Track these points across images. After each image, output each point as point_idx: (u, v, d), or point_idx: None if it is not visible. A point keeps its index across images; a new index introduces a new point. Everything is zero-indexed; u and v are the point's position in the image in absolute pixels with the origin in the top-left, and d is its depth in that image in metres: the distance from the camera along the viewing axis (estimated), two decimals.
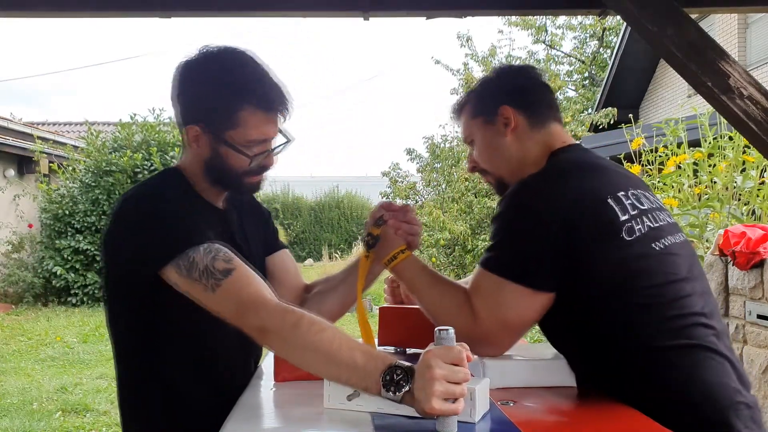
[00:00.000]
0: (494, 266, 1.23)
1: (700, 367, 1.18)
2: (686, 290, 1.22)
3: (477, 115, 1.43)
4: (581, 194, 1.21)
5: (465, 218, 10.04)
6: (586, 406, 1.19)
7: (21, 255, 9.70)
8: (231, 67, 1.30)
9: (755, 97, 2.02)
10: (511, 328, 1.24)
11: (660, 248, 1.23)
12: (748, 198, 3.37)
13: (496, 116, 1.39)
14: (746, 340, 2.58)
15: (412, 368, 1.00)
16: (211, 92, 1.29)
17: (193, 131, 1.31)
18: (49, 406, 4.60)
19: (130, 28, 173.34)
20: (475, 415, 1.05)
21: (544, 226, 1.19)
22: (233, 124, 1.28)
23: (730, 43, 9.95)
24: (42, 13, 2.42)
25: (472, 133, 1.45)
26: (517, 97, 1.39)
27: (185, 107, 1.33)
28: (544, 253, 1.19)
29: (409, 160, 11.96)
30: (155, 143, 9.67)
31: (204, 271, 1.16)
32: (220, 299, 1.16)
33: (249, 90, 1.28)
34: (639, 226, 1.22)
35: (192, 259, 1.17)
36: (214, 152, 1.31)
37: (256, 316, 1.12)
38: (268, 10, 2.48)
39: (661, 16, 2.01)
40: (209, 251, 1.18)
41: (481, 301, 1.23)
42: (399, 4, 2.41)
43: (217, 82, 1.29)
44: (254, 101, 1.28)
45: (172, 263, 1.18)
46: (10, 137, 10.21)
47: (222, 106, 1.28)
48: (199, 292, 1.18)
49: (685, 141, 3.83)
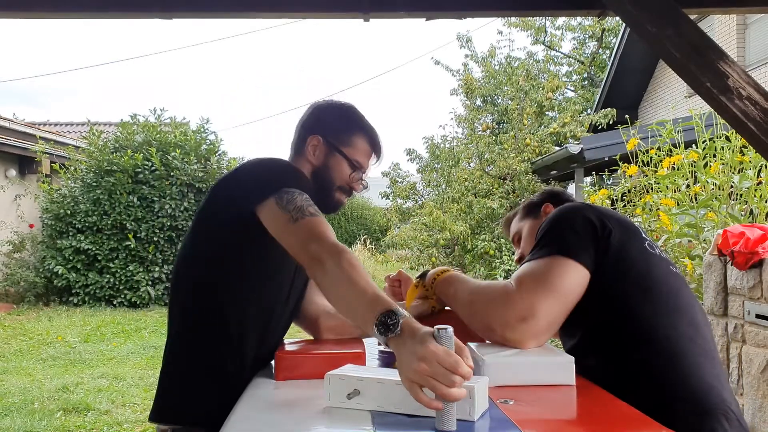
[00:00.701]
0: (536, 256, 1.36)
1: (702, 376, 1.26)
2: (696, 309, 1.36)
3: (525, 217, 1.82)
4: (612, 213, 1.42)
5: (465, 218, 10.05)
6: (586, 404, 1.20)
7: (22, 255, 9.71)
8: (355, 109, 1.67)
9: (754, 98, 2.02)
10: (550, 291, 1.28)
11: (676, 272, 1.40)
12: (746, 198, 3.38)
13: (540, 212, 1.77)
14: (745, 340, 2.59)
15: (411, 325, 1.06)
16: (339, 117, 1.64)
17: (315, 140, 1.59)
18: (51, 405, 4.60)
19: (130, 28, 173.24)
20: (474, 414, 1.05)
21: (581, 218, 1.36)
22: (347, 143, 1.60)
23: (729, 43, 9.96)
24: (42, 13, 2.43)
25: (520, 231, 1.82)
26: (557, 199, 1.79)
27: (312, 122, 1.62)
28: (582, 235, 1.34)
29: (409, 161, 11.99)
30: (156, 143, 9.68)
31: (298, 208, 1.36)
32: (297, 228, 1.33)
33: (366, 127, 1.64)
34: (658, 250, 1.40)
35: (293, 195, 1.38)
36: (326, 161, 1.59)
37: (318, 244, 1.28)
38: (268, 10, 2.49)
39: (660, 17, 2.02)
40: (307, 198, 1.40)
41: (523, 275, 1.33)
42: (399, 4, 2.42)
43: (345, 113, 1.65)
44: (367, 134, 1.63)
45: (276, 195, 1.37)
46: (12, 137, 10.23)
47: (343, 128, 1.61)
48: (283, 221, 1.35)
49: (682, 142, 3.84)
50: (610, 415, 1.12)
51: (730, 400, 1.28)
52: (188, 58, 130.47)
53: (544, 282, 1.29)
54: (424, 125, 71.29)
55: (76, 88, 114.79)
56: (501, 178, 10.50)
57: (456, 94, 12.52)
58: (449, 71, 13.22)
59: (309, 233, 1.32)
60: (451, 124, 12.15)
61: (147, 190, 9.42)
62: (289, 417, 1.16)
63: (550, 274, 1.30)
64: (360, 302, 1.16)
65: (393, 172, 11.79)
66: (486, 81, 13.62)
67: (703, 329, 1.34)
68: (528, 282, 1.31)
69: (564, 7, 2.56)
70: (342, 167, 1.59)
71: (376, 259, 13.85)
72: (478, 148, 10.81)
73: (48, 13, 2.42)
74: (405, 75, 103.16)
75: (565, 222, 1.38)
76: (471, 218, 10.03)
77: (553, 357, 1.29)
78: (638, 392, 1.21)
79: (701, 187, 3.55)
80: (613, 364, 1.29)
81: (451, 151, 11.19)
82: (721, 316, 2.74)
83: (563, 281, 1.29)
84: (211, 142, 10.12)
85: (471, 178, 10.50)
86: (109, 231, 9.33)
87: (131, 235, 9.25)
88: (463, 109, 12.37)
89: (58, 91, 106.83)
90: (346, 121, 1.63)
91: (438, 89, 31.90)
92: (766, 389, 2.46)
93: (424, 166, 11.90)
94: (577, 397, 1.22)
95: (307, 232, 1.32)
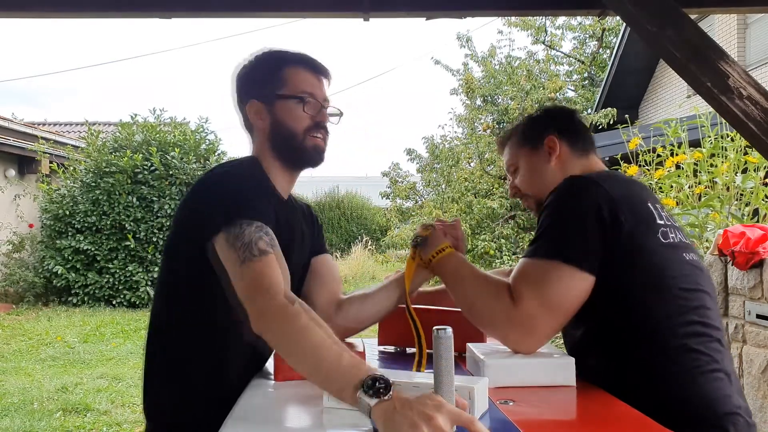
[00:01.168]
0: (539, 253, 1.29)
1: (707, 377, 1.23)
2: (708, 303, 1.31)
3: (523, 145, 1.56)
4: (624, 191, 1.32)
5: (465, 218, 10.04)
6: (586, 405, 1.19)
7: (22, 255, 9.70)
8: (274, 49, 1.48)
9: (755, 98, 2.02)
10: (551, 309, 1.25)
11: (690, 259, 1.32)
12: (749, 198, 3.37)
13: (542, 144, 1.51)
14: (745, 340, 2.58)
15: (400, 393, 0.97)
16: (260, 67, 1.45)
17: (253, 106, 1.44)
18: (50, 405, 4.60)
19: (130, 28, 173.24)
20: (474, 414, 1.05)
21: (591, 210, 1.26)
22: (281, 83, 1.42)
23: (730, 43, 9.95)
24: (42, 13, 2.43)
25: (517, 161, 1.57)
26: (562, 127, 1.52)
27: (241, 92, 1.46)
28: (590, 234, 1.26)
29: (409, 161, 11.97)
30: (156, 143, 9.67)
31: (245, 245, 1.22)
32: (244, 272, 1.20)
33: (292, 56, 1.45)
34: (672, 235, 1.32)
35: (242, 228, 1.24)
36: (273, 116, 1.43)
37: (264, 298, 1.16)
38: (268, 10, 2.49)
39: (660, 17, 2.01)
40: (260, 229, 1.25)
41: (524, 283, 1.28)
42: (399, 4, 2.41)
43: (264, 59, 1.46)
44: (297, 62, 1.44)
45: (225, 229, 1.25)
46: (11, 137, 10.22)
47: (269, 72, 1.43)
48: (231, 262, 1.23)
49: (686, 141, 3.83)
50: (611, 416, 1.12)
51: (739, 403, 1.25)
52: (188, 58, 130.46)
53: (547, 298, 1.25)
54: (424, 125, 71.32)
55: (75, 88, 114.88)
56: (501, 178, 10.49)
57: (456, 94, 12.52)
58: (449, 71, 13.21)
59: (255, 282, 1.19)
60: (450, 124, 12.13)
61: (146, 190, 9.42)
62: (288, 417, 1.15)
63: (552, 287, 1.25)
64: (335, 366, 1.04)
65: (393, 172, 11.79)
66: (486, 81, 13.62)
67: (713, 322, 1.29)
68: (529, 297, 1.25)
69: (564, 7, 2.56)
70: (292, 110, 1.41)
71: (376, 259, 13.83)
72: (479, 147, 10.81)
73: (48, 13, 2.42)
74: (405, 75, 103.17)
75: (572, 218, 1.29)
76: (471, 218, 10.02)
77: (554, 358, 1.28)
78: (638, 393, 1.20)
79: (705, 186, 3.54)
80: (615, 362, 1.28)
81: (451, 151, 11.18)
82: (721, 317, 2.73)
83: (566, 295, 1.25)
84: (211, 141, 10.12)
85: (471, 178, 10.49)
86: (108, 231, 9.33)
87: (130, 235, 9.24)
88: (463, 108, 12.36)
89: (57, 91, 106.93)
90: (267, 66, 1.45)
91: (438, 89, 31.97)
92: (766, 389, 2.46)
93: (424, 166, 11.89)
94: (577, 398, 1.22)
95: (253, 280, 1.19)
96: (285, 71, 1.43)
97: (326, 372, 1.05)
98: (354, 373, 1.01)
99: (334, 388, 1.04)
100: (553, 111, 1.61)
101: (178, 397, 1.39)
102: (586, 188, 1.31)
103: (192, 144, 9.79)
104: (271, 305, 1.14)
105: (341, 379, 1.02)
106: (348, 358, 1.05)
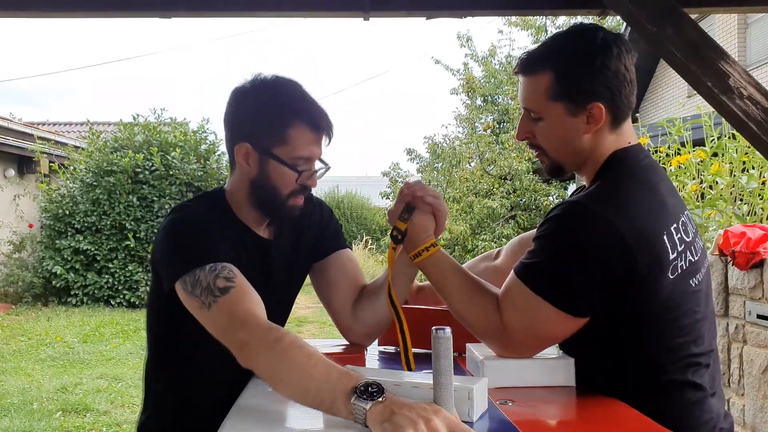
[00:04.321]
0: (534, 283, 1.19)
1: (695, 407, 1.22)
2: (703, 329, 1.25)
3: (559, 99, 1.26)
4: (644, 228, 1.16)
5: (465, 218, 10.04)
6: (585, 405, 1.19)
7: (21, 255, 9.70)
8: (282, 90, 1.37)
9: (755, 97, 2.02)
10: (541, 342, 1.25)
11: (694, 285, 1.23)
12: (749, 198, 3.37)
13: (583, 109, 1.25)
14: (746, 340, 2.58)
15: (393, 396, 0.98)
16: (263, 111, 1.35)
17: (243, 149, 1.35)
18: (50, 406, 4.60)
19: (130, 28, 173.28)
20: (474, 415, 1.05)
21: (599, 259, 1.15)
22: (282, 141, 1.33)
23: (730, 43, 9.95)
24: (42, 13, 2.42)
25: (542, 112, 1.28)
26: (610, 94, 1.24)
27: (236, 127, 1.38)
28: (591, 283, 1.16)
29: (409, 160, 12.00)
30: (157, 143, 9.67)
31: (205, 289, 1.21)
32: (214, 314, 1.19)
33: (299, 110, 1.34)
34: (682, 263, 1.20)
35: (197, 276, 1.22)
36: (262, 170, 1.35)
37: (243, 330, 1.15)
38: (268, 10, 2.49)
39: (660, 16, 2.01)
40: (214, 269, 1.22)
41: (515, 314, 1.21)
42: (399, 4, 2.41)
43: (267, 102, 1.35)
44: (303, 120, 1.34)
45: (180, 280, 1.24)
46: (11, 137, 10.22)
47: (273, 123, 1.34)
48: (196, 309, 1.22)
49: (689, 140, 3.82)
50: (611, 417, 1.11)
51: (720, 412, 1.26)
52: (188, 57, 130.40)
53: (535, 331, 1.21)
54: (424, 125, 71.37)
55: (75, 88, 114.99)
56: (502, 178, 10.50)
57: (456, 94, 12.52)
58: (449, 71, 13.21)
59: (229, 319, 1.17)
60: (453, 123, 12.13)
61: (146, 190, 9.42)
62: (287, 417, 1.15)
63: (541, 325, 1.20)
64: (324, 379, 1.03)
65: (393, 172, 11.80)
66: (486, 80, 13.61)
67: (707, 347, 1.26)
68: (518, 327, 1.21)
69: (564, 7, 2.55)
70: (284, 174, 1.35)
71: (376, 259, 13.84)
72: (479, 147, 10.81)
73: (48, 12, 2.42)
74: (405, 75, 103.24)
75: (576, 263, 1.16)
76: (471, 218, 10.02)
77: (553, 359, 1.28)
78: None
79: (708, 186, 3.53)
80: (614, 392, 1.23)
81: (453, 151, 11.18)
82: (722, 317, 2.73)
83: (555, 333, 1.22)
84: (211, 142, 10.12)
85: (472, 178, 10.50)
86: (108, 231, 9.32)
87: (131, 234, 9.24)
88: (463, 108, 12.36)
89: (57, 91, 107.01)
90: (274, 112, 1.34)
91: (438, 89, 31.99)
92: (766, 390, 2.45)
93: (424, 166, 11.90)
94: (577, 398, 1.22)
95: (226, 317, 1.17)
96: (289, 130, 1.33)
97: (316, 387, 1.03)
98: (345, 382, 1.01)
99: (327, 400, 1.02)
100: (610, 69, 1.24)
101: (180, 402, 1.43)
102: (596, 229, 1.15)
103: (192, 144, 9.79)
104: (251, 336, 1.14)
105: (333, 391, 1.01)
106: (337, 371, 1.04)
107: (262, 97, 1.36)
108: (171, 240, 1.31)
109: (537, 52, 1.30)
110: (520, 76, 1.31)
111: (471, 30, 15.67)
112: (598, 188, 1.23)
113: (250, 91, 1.38)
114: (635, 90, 1.30)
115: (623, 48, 1.26)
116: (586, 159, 1.30)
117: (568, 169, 1.34)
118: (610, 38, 1.25)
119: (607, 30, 1.28)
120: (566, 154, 1.31)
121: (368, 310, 1.49)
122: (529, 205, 10.50)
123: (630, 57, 1.27)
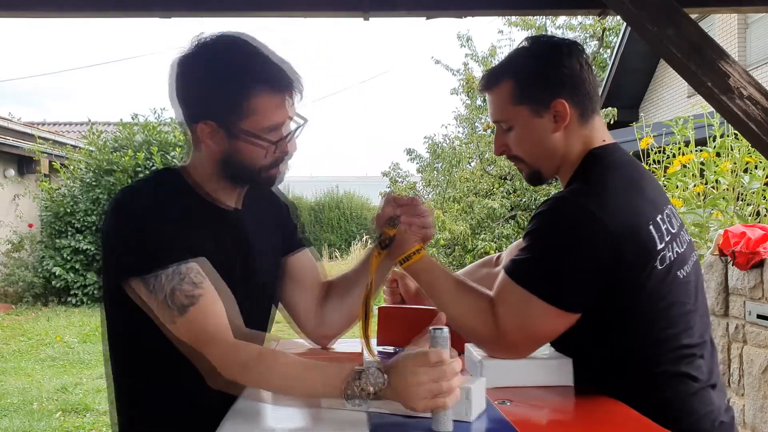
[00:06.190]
0: (526, 281, 1.19)
1: (693, 398, 1.22)
2: (694, 320, 1.26)
3: (523, 103, 1.29)
4: (629, 219, 1.17)
5: (465, 218, 10.04)
6: (583, 405, 1.19)
7: (21, 254, 9.70)
8: (232, 54, 1.22)
9: (755, 97, 2.02)
10: (535, 341, 1.25)
11: (682, 276, 1.24)
12: (751, 199, 3.37)
13: (547, 109, 1.27)
14: (746, 340, 2.58)
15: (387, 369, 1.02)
16: (217, 84, 1.20)
17: (207, 128, 1.22)
18: (49, 406, 4.60)
19: (130, 28, 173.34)
20: (471, 414, 1.05)
21: (587, 252, 1.16)
22: (248, 113, 1.20)
23: (730, 43, 9.95)
24: (42, 13, 2.42)
25: (510, 119, 1.32)
26: (571, 89, 1.27)
27: (190, 105, 1.25)
28: (582, 277, 1.17)
29: (409, 160, 11.97)
30: (157, 143, 9.67)
31: (169, 296, 1.13)
32: (180, 330, 1.15)
33: (257, 73, 1.20)
34: (669, 254, 1.21)
35: (159, 279, 1.14)
36: (230, 148, 1.23)
37: (216, 349, 1.12)
38: (268, 10, 2.49)
39: (661, 16, 2.01)
40: (177, 274, 1.14)
41: (507, 313, 1.21)
42: (399, 4, 2.41)
43: (221, 73, 1.21)
44: (265, 84, 1.20)
45: (141, 279, 1.16)
46: (10, 137, 10.22)
47: (232, 96, 1.20)
48: (161, 315, 1.16)
49: (693, 140, 3.81)
50: (609, 417, 1.11)
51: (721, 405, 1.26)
52: None
53: (529, 331, 1.21)
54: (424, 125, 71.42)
55: (74, 88, 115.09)
56: (502, 178, 10.50)
57: (456, 94, 12.51)
58: (449, 71, 13.20)
59: (196, 337, 1.12)
60: (453, 123, 12.12)
61: None
62: (286, 417, 1.15)
63: (535, 323, 1.20)
64: (322, 377, 1.05)
65: (393, 172, 11.78)
66: None
67: (700, 338, 1.26)
68: (512, 328, 1.21)
69: (565, 6, 2.56)
70: (254, 149, 1.22)
71: None
72: (479, 147, 10.80)
73: (48, 12, 2.42)
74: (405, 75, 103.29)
75: (566, 256, 1.17)
76: (471, 218, 10.02)
77: (552, 359, 1.28)
78: None
79: (711, 186, 3.52)
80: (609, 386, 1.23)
81: (453, 151, 11.18)
82: (722, 317, 2.73)
83: (549, 330, 1.22)
84: None
85: (472, 178, 10.50)
86: None
87: None
88: (463, 108, 12.36)
89: (56, 91, 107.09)
90: (230, 82, 1.20)
91: (438, 89, 31.99)
92: (766, 390, 2.45)
93: (424, 166, 11.89)
94: (575, 398, 1.21)
95: (194, 335, 1.13)
96: (252, 100, 1.20)
97: (312, 381, 1.06)
98: (344, 369, 1.04)
99: (326, 389, 1.05)
100: (556, 55, 1.28)
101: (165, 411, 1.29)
102: (582, 222, 1.16)
103: None
104: (225, 353, 1.11)
105: (332, 380, 1.04)
106: (329, 364, 1.07)
107: (214, 66, 1.21)
108: (126, 231, 1.20)
109: (496, 68, 1.36)
110: (486, 93, 1.36)
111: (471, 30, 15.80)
112: (582, 182, 1.25)
113: (197, 60, 1.23)
114: (597, 87, 1.34)
115: (575, 48, 1.31)
116: (561, 159, 1.32)
117: (546, 173, 1.36)
118: (562, 42, 1.31)
119: (559, 37, 1.36)
120: (541, 157, 1.33)
121: (335, 308, 1.45)
122: (529, 205, 10.49)
123: (584, 57, 1.31)
